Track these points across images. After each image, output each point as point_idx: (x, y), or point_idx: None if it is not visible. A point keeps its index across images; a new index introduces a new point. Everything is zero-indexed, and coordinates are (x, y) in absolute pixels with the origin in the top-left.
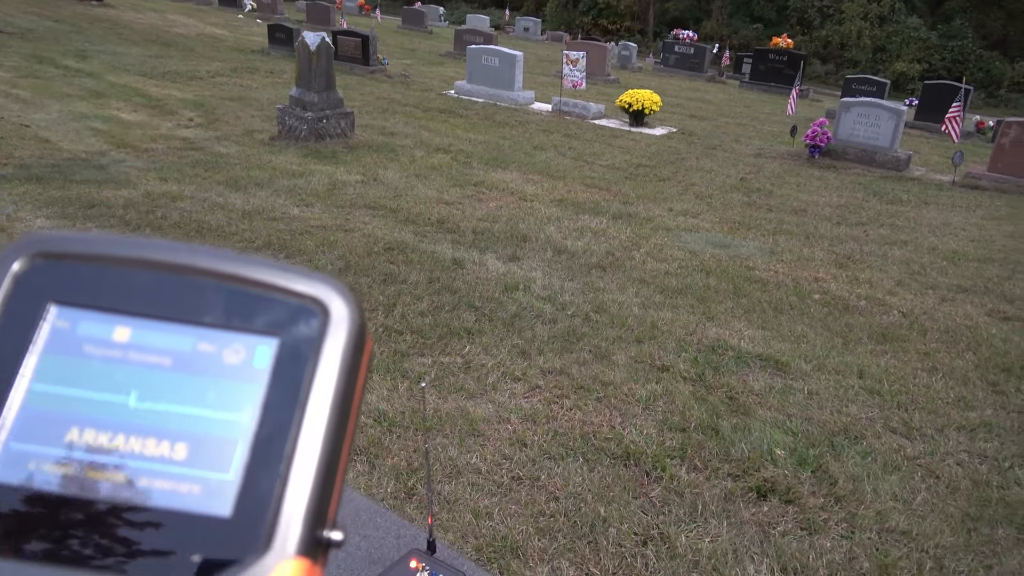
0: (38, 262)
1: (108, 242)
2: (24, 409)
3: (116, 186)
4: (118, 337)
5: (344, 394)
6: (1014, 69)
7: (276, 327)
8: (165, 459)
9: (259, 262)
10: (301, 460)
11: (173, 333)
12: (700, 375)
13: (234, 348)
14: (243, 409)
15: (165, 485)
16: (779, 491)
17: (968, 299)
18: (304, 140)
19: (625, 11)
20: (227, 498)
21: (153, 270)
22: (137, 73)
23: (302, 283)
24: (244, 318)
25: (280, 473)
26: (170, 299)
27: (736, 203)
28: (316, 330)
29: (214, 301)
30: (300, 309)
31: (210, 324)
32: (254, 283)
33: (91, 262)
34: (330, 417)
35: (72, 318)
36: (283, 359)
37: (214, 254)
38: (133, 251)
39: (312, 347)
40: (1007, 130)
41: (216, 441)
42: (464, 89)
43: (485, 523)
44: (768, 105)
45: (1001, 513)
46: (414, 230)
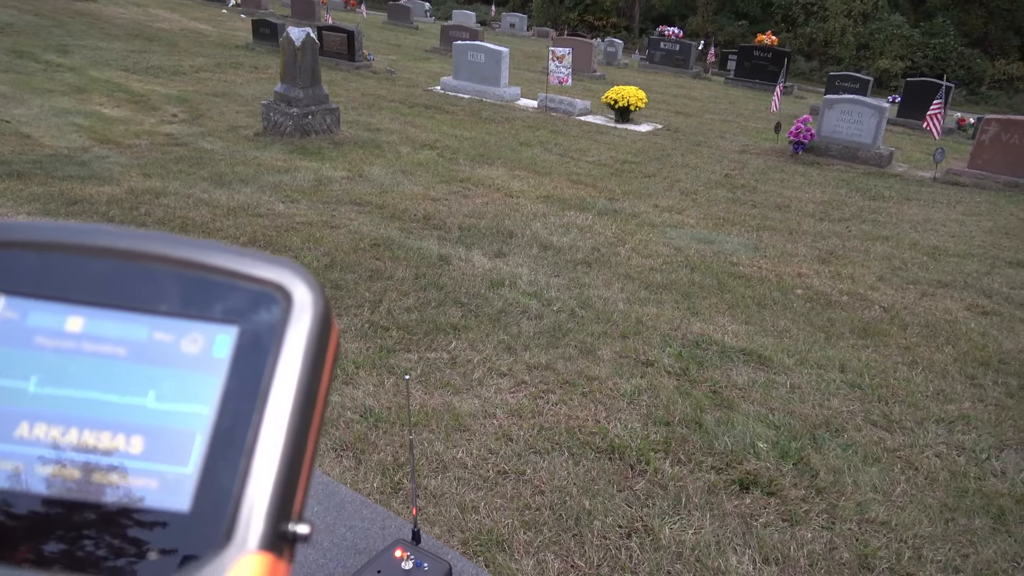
0: None
1: (58, 229)
2: None
3: (99, 182)
4: (71, 327)
5: (309, 383)
6: (995, 66)
7: (236, 314)
8: (120, 453)
9: (216, 247)
10: (263, 452)
11: (128, 322)
12: (684, 370)
13: (192, 337)
14: (202, 400)
15: (120, 480)
16: (761, 483)
17: (948, 294)
18: (289, 136)
19: (611, 7)
20: (185, 492)
21: (106, 257)
22: (119, 68)
23: (262, 268)
24: (202, 306)
25: (241, 466)
26: (124, 287)
27: (721, 199)
28: (278, 317)
29: (170, 288)
30: (261, 295)
31: (166, 312)
32: (211, 269)
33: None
34: (294, 407)
35: (22, 308)
36: (243, 348)
37: (169, 240)
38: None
39: (274, 335)
40: (987, 127)
41: (174, 434)
42: (450, 85)
43: (471, 517)
44: (753, 102)
45: (978, 503)
46: (400, 226)
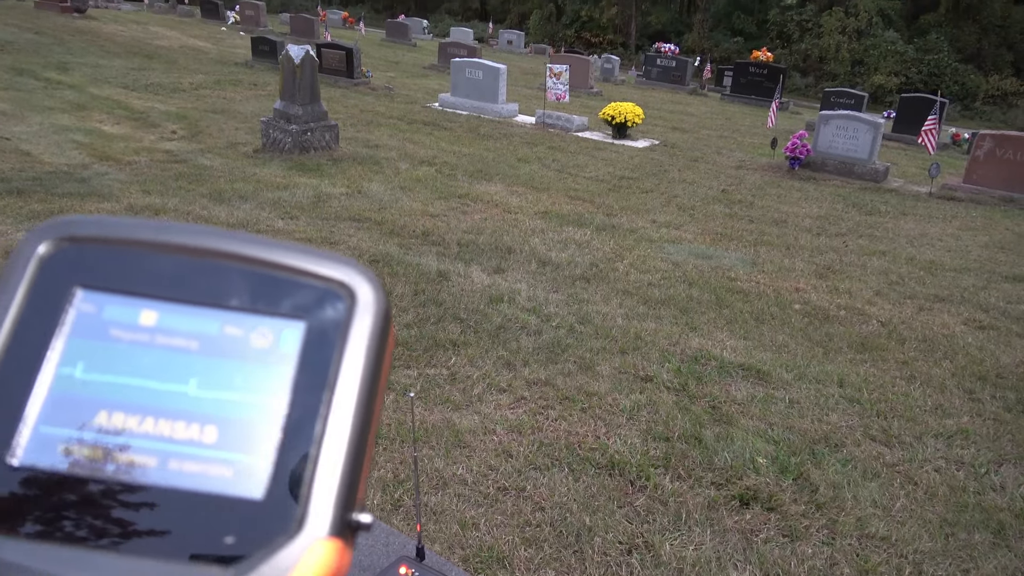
0: (64, 246)
1: (135, 226)
2: (52, 393)
3: (98, 199)
4: (144, 321)
5: (371, 377)
6: (988, 82)
7: (303, 311)
8: (195, 442)
9: (286, 246)
10: (331, 442)
11: (200, 317)
12: (683, 385)
13: (261, 331)
14: (272, 392)
15: (196, 468)
16: (761, 499)
17: (945, 308)
18: (288, 153)
19: (608, 24)
20: (259, 480)
21: (180, 254)
22: (119, 85)
23: (329, 267)
24: (271, 302)
25: (311, 455)
26: (197, 283)
27: (718, 214)
28: (343, 313)
29: (241, 285)
30: (327, 293)
31: (237, 308)
32: (280, 267)
33: (117, 246)
34: (358, 400)
35: (98, 302)
36: (310, 342)
37: (241, 238)
38: (160, 235)
39: (339, 330)
40: (981, 142)
41: (246, 424)
42: (448, 102)
43: (472, 534)
44: (749, 117)
45: (978, 518)
46: (399, 242)
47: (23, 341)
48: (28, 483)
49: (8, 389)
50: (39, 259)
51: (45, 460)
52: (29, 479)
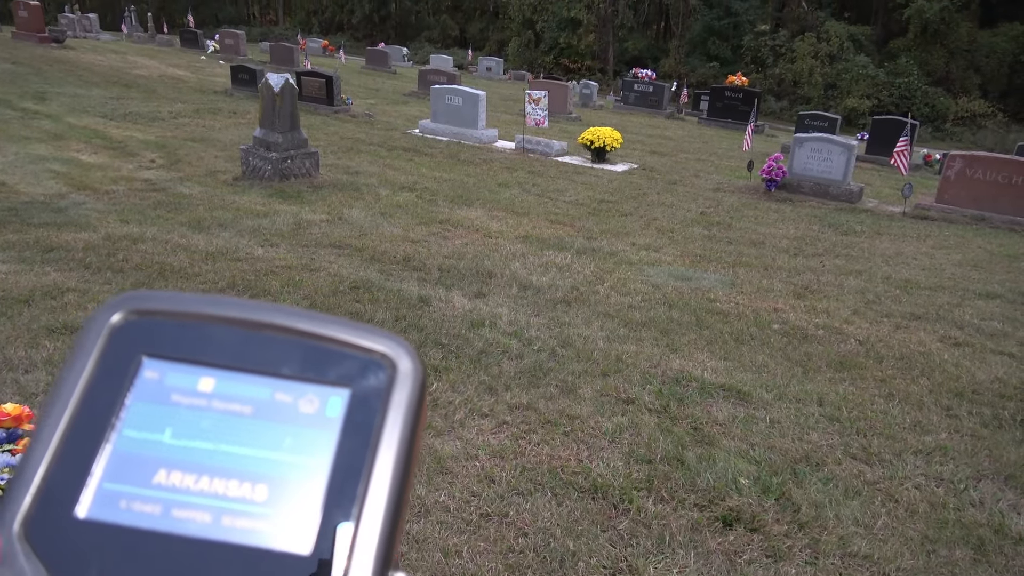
0: (132, 318)
1: (195, 301)
2: (116, 452)
3: (76, 229)
4: (203, 387)
5: (409, 441)
6: (957, 104)
7: (347, 379)
8: (247, 500)
9: (332, 320)
10: (372, 502)
11: (253, 384)
12: (665, 407)
13: (309, 398)
14: (318, 454)
15: (247, 524)
16: (744, 520)
17: (921, 326)
18: (268, 180)
19: (586, 51)
20: (307, 537)
21: (236, 326)
22: (97, 115)
23: (372, 340)
24: (318, 371)
25: (353, 514)
26: (251, 353)
27: (697, 236)
28: (384, 383)
29: (290, 355)
30: (370, 363)
31: (287, 376)
32: (328, 339)
33: (179, 319)
34: (396, 462)
35: (161, 369)
36: (354, 409)
37: (291, 312)
38: (218, 309)
39: (381, 398)
40: (952, 163)
41: (294, 483)
42: (428, 128)
43: (454, 562)
44: (726, 141)
45: (958, 534)
46: (380, 268)
47: (92, 404)
48: (92, 536)
49: (78, 448)
50: (110, 329)
51: (108, 515)
52: (93, 531)
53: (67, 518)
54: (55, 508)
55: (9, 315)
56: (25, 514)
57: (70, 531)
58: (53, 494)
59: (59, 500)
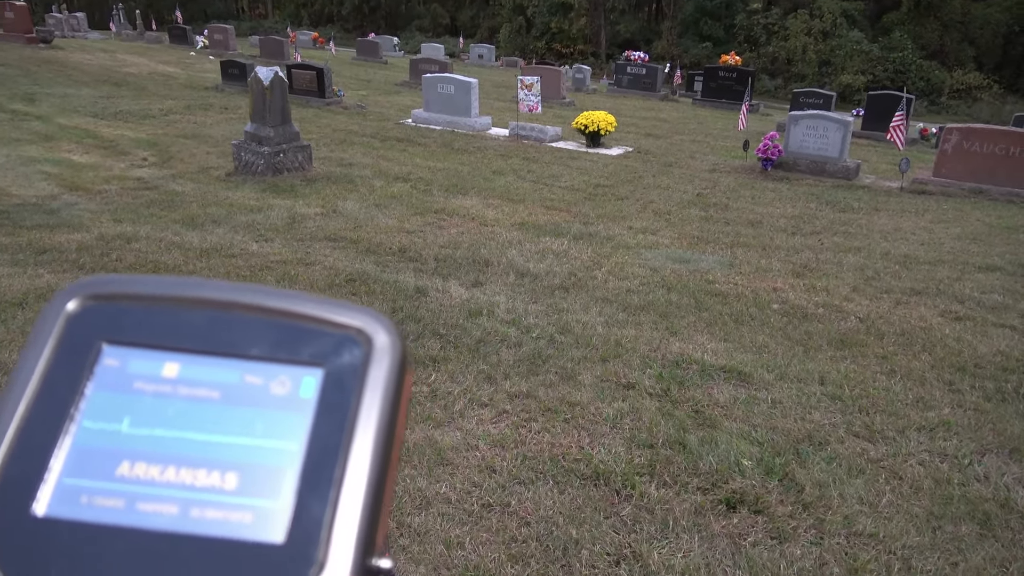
0: (89, 303)
1: (158, 283)
2: (76, 445)
3: (69, 230)
4: (167, 373)
5: (389, 420)
6: (953, 77)
7: (321, 358)
8: (216, 489)
9: (302, 296)
10: (350, 486)
11: (221, 367)
12: (666, 390)
13: (280, 380)
14: (291, 438)
15: (217, 514)
16: (748, 502)
17: (921, 301)
18: (261, 175)
19: (577, 35)
20: (279, 525)
21: (200, 308)
22: (88, 114)
23: (345, 315)
24: (289, 350)
25: (330, 499)
26: (217, 334)
27: (694, 218)
28: (360, 359)
29: (259, 335)
30: (344, 340)
31: (256, 357)
32: (298, 316)
33: (140, 302)
34: (376, 443)
35: (122, 356)
36: (328, 388)
37: (258, 290)
38: (180, 290)
39: (356, 376)
40: (948, 136)
41: (266, 470)
42: (421, 117)
43: (457, 553)
44: (720, 121)
45: (963, 510)
46: (376, 260)
47: (49, 395)
48: (52, 534)
49: (34, 442)
50: (66, 316)
51: (69, 511)
52: (52, 530)
53: (24, 517)
54: (10, 506)
55: (3, 318)
56: None
57: (27, 530)
58: (8, 492)
59: (15, 498)
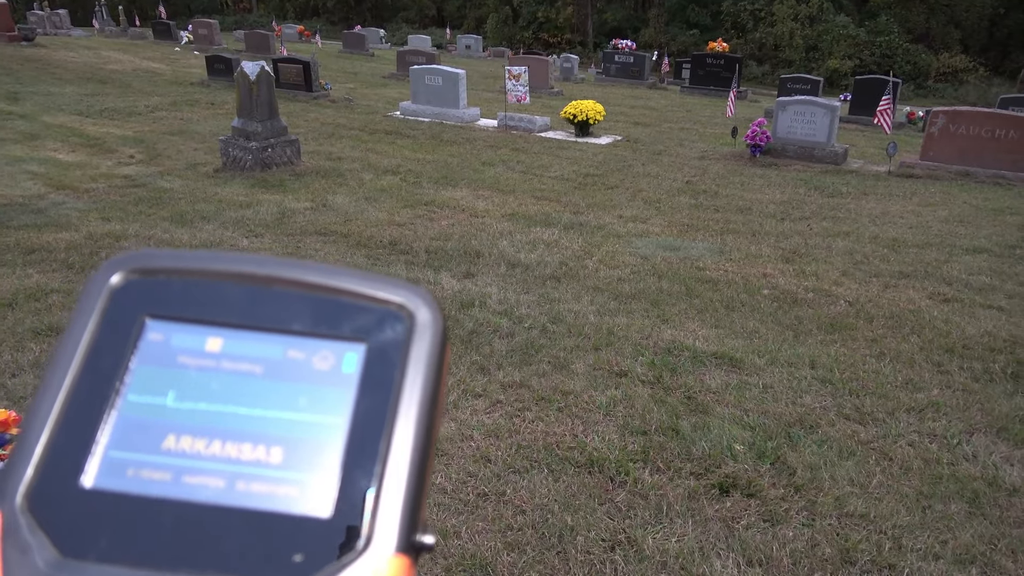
0: (133, 278)
1: (200, 257)
2: (122, 419)
3: (56, 229)
4: (210, 347)
5: (431, 395)
6: (939, 60)
7: (363, 333)
8: (262, 463)
9: (344, 271)
10: (395, 460)
11: (263, 342)
12: (658, 377)
13: (323, 355)
14: (335, 412)
15: (263, 488)
16: (740, 486)
17: (910, 284)
18: (250, 170)
19: (564, 24)
20: (326, 499)
21: (243, 283)
22: (73, 112)
23: (387, 290)
24: (331, 325)
25: (376, 473)
26: (260, 309)
27: (683, 206)
28: (402, 335)
29: (302, 310)
30: (386, 315)
31: (299, 332)
32: (340, 291)
33: (184, 276)
34: (419, 418)
35: (166, 331)
36: (371, 363)
37: (300, 266)
38: (223, 265)
39: (399, 351)
40: (935, 119)
41: (311, 444)
42: (409, 110)
43: (453, 543)
44: (709, 108)
45: (952, 489)
46: (366, 253)
47: (95, 369)
48: (100, 506)
49: (80, 416)
50: (110, 290)
51: (116, 484)
52: (100, 501)
53: (72, 488)
54: (59, 478)
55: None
56: (28, 485)
57: (76, 502)
58: (56, 464)
59: (63, 470)
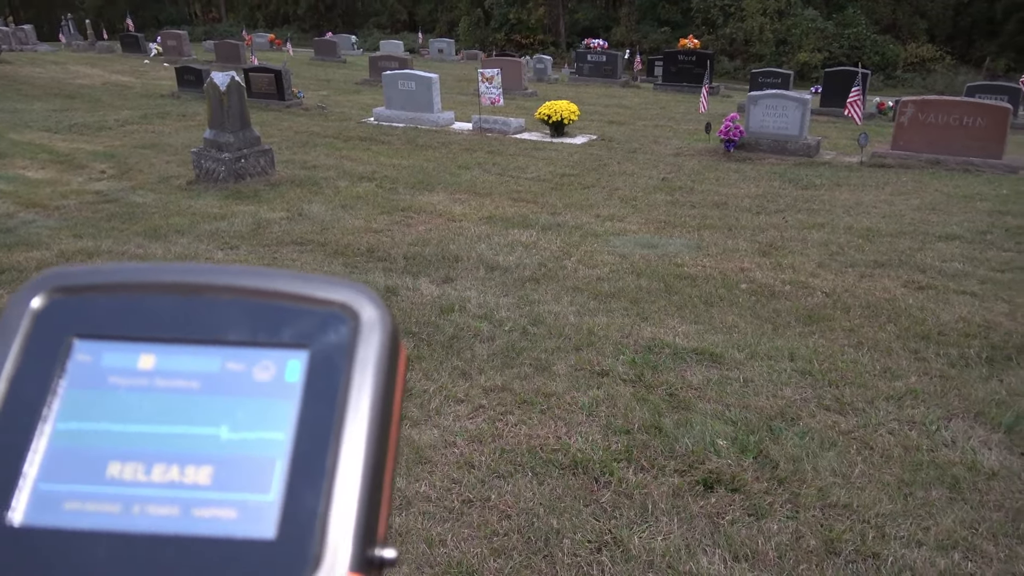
0: (56, 297)
1: (126, 270)
2: (51, 448)
3: (27, 248)
4: (143, 365)
5: (383, 400)
6: (906, 50)
7: (305, 338)
8: (201, 486)
9: (280, 273)
10: (344, 474)
11: (199, 355)
12: (639, 376)
13: (263, 364)
14: (279, 426)
15: (207, 513)
16: (724, 481)
17: (885, 273)
18: (223, 182)
19: (536, 25)
20: (269, 520)
21: (173, 293)
22: (41, 129)
23: (328, 290)
24: (271, 332)
25: (323, 489)
26: (193, 321)
27: (660, 203)
28: (347, 337)
29: (238, 318)
30: (328, 317)
31: (236, 342)
32: (277, 295)
33: (111, 292)
34: (370, 426)
35: (95, 350)
36: (315, 370)
37: (233, 271)
38: (151, 276)
39: (345, 355)
40: (904, 109)
41: (253, 462)
42: (383, 115)
43: (439, 551)
44: (682, 105)
45: (933, 475)
46: (344, 262)
47: (18, 398)
48: (31, 543)
49: (4, 448)
50: (32, 314)
51: (48, 519)
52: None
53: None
54: None
55: None
56: None
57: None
58: None
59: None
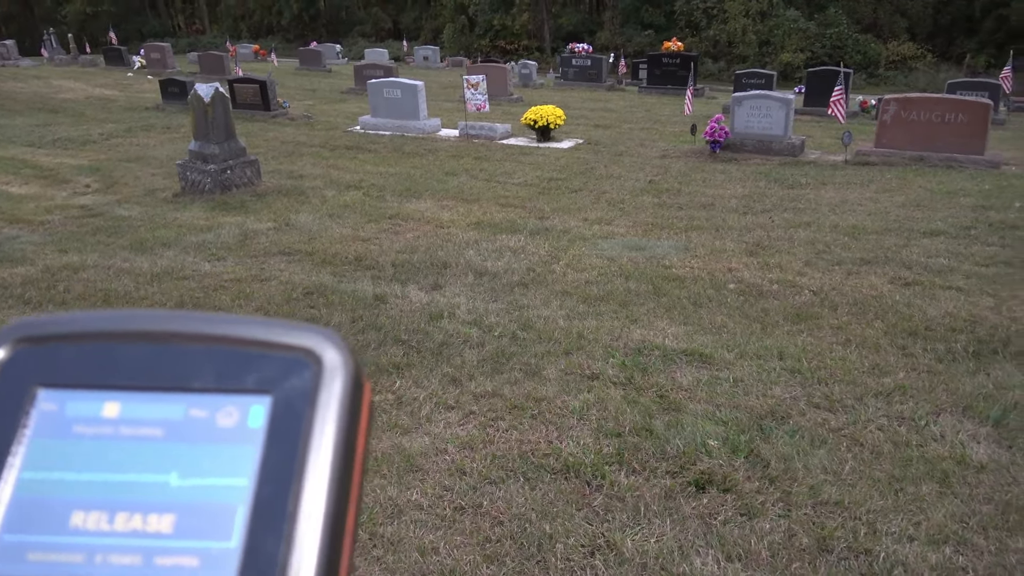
0: (21, 347)
1: (89, 319)
2: (16, 499)
3: (11, 264)
4: (107, 413)
5: (345, 445)
6: (888, 49)
7: (268, 384)
8: (163, 534)
9: (241, 320)
10: (305, 518)
11: (163, 402)
12: (629, 378)
13: (227, 411)
14: (241, 472)
15: (166, 561)
16: (716, 481)
17: (871, 270)
18: (209, 193)
19: (521, 30)
20: (230, 567)
21: (137, 341)
22: (24, 144)
23: (289, 335)
24: (234, 379)
25: (284, 535)
26: (158, 368)
27: (647, 205)
28: (309, 382)
29: (202, 365)
30: (291, 362)
31: (200, 389)
32: (240, 341)
33: (76, 341)
34: (332, 471)
35: (59, 399)
36: (278, 416)
37: (196, 317)
38: (117, 324)
39: (307, 400)
40: (887, 107)
41: (214, 508)
42: (369, 123)
43: (431, 559)
44: (668, 107)
45: (923, 470)
46: (332, 271)
47: None
48: None
49: None
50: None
51: (10, 569)
52: None
53: None
54: None
55: None
56: None
57: None
58: None
59: None
